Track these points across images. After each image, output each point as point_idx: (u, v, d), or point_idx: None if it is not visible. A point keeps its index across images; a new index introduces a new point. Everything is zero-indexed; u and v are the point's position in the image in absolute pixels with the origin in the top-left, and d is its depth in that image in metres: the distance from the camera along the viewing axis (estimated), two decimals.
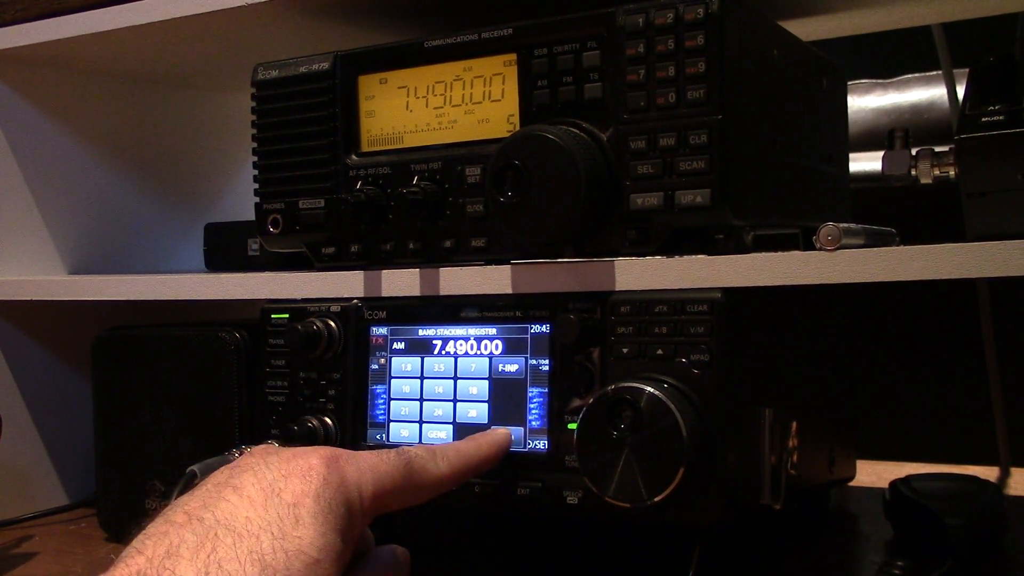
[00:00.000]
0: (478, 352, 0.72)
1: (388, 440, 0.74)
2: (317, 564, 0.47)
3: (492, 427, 0.70)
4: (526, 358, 0.70)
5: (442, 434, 0.72)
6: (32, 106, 1.04)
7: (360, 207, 0.75)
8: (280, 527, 0.47)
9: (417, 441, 0.73)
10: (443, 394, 0.72)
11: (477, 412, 0.71)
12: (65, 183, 1.07)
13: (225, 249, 1.03)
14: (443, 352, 0.73)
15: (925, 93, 1.56)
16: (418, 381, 0.74)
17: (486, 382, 0.71)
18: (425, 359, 0.74)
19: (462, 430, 0.71)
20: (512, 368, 0.70)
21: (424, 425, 0.73)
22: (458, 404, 0.72)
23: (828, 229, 0.62)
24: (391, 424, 0.74)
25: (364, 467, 0.53)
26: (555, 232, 0.67)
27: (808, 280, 0.62)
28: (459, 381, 0.72)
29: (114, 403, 0.92)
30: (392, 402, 0.74)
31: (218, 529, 0.46)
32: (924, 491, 0.79)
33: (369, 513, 0.53)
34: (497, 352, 0.71)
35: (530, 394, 0.69)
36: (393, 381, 0.75)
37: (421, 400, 0.73)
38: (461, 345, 0.72)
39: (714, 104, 0.64)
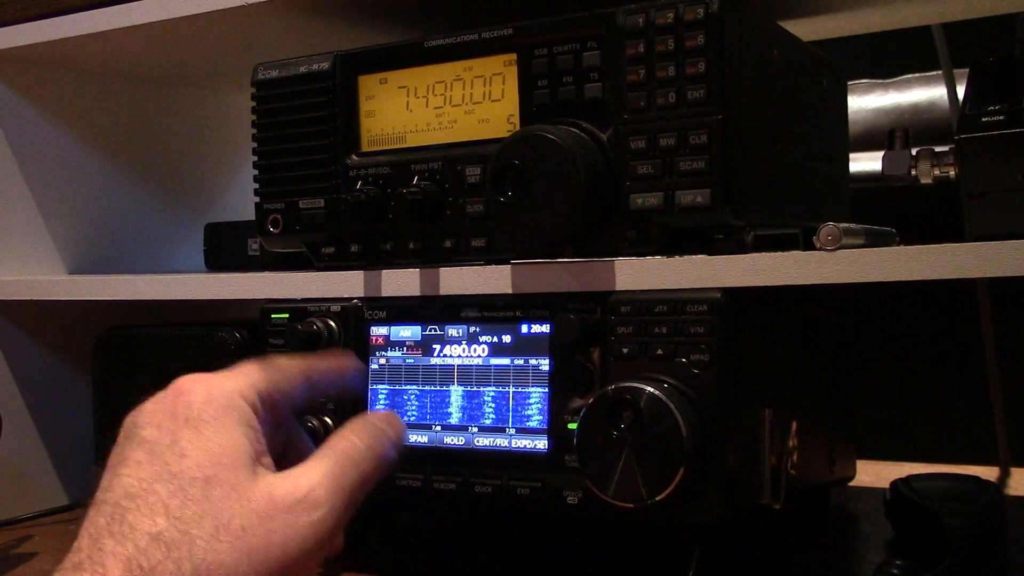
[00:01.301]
0: (478, 352, 0.72)
1: None
2: (214, 480, 0.48)
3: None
4: (526, 358, 0.70)
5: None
6: (32, 106, 1.04)
7: (360, 207, 0.75)
8: (168, 470, 0.48)
9: (416, 441, 0.73)
10: (443, 394, 0.72)
11: (477, 412, 0.71)
12: (65, 183, 1.07)
13: (225, 249, 1.03)
14: (443, 352, 0.73)
15: (925, 93, 1.56)
16: (418, 381, 0.74)
17: (486, 382, 0.71)
18: (425, 359, 0.74)
19: (461, 430, 0.71)
20: (512, 368, 0.70)
21: (424, 425, 0.73)
22: (458, 404, 0.72)
23: (828, 229, 0.62)
24: None
25: (227, 374, 0.53)
26: (555, 232, 0.67)
27: (808, 280, 0.62)
28: (459, 381, 0.72)
29: (114, 403, 0.92)
30: (392, 402, 0.74)
31: (120, 501, 0.48)
32: (924, 491, 0.79)
33: (253, 399, 0.52)
34: (497, 352, 0.71)
35: (530, 394, 0.69)
36: (393, 381, 0.75)
37: (421, 400, 0.73)
38: (461, 345, 0.72)
39: (714, 104, 0.64)
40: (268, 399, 0.53)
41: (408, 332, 0.75)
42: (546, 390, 0.69)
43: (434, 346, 0.73)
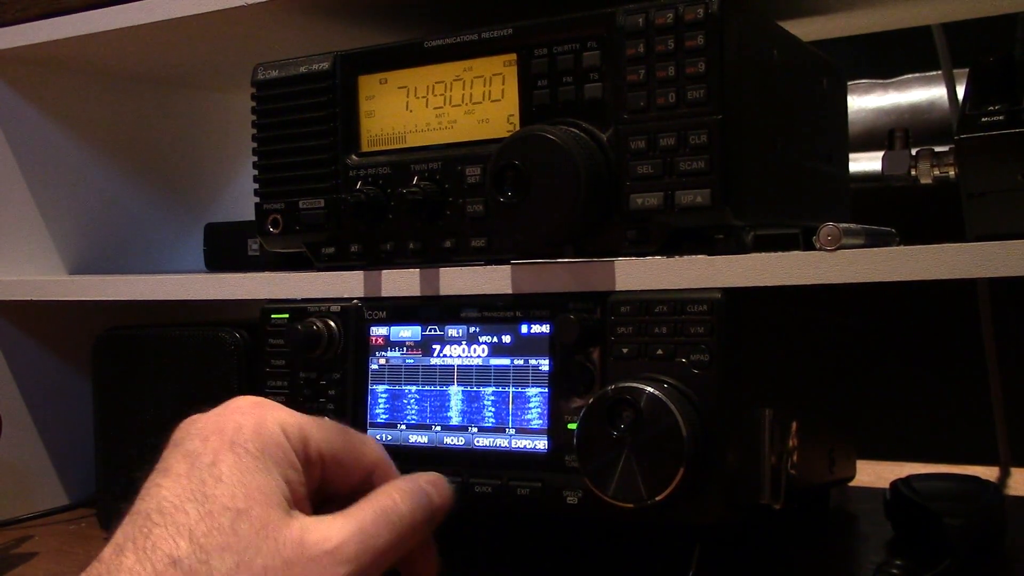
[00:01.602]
0: (478, 352, 0.72)
1: (389, 440, 0.74)
2: (245, 514, 0.47)
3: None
4: (526, 358, 0.70)
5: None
6: (32, 106, 1.04)
7: (360, 207, 0.75)
8: (202, 491, 0.47)
9: (416, 441, 0.73)
10: (443, 394, 0.73)
11: (477, 412, 0.71)
12: (65, 183, 1.07)
13: (225, 249, 1.03)
14: (443, 352, 0.73)
15: (925, 93, 1.56)
16: (418, 381, 0.74)
17: (486, 382, 0.71)
18: (425, 359, 0.74)
19: (461, 430, 0.71)
20: (512, 368, 0.70)
21: (424, 425, 0.73)
22: (458, 404, 0.72)
23: (828, 229, 0.62)
24: (391, 424, 0.74)
25: (288, 411, 0.52)
26: (555, 232, 0.67)
27: (808, 280, 0.62)
28: (459, 381, 0.72)
29: (114, 403, 0.92)
30: (392, 402, 0.74)
31: (152, 515, 0.47)
32: (924, 491, 0.79)
33: (301, 446, 0.51)
34: (497, 352, 0.71)
35: (530, 394, 0.69)
36: (393, 381, 0.75)
37: (421, 400, 0.73)
38: (461, 345, 0.72)
39: (714, 104, 0.64)
40: (320, 460, 0.52)
41: (408, 332, 0.75)
42: (546, 390, 0.69)
43: (434, 346, 0.73)
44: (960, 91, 1.05)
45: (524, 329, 0.70)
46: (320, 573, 0.47)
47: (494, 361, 0.71)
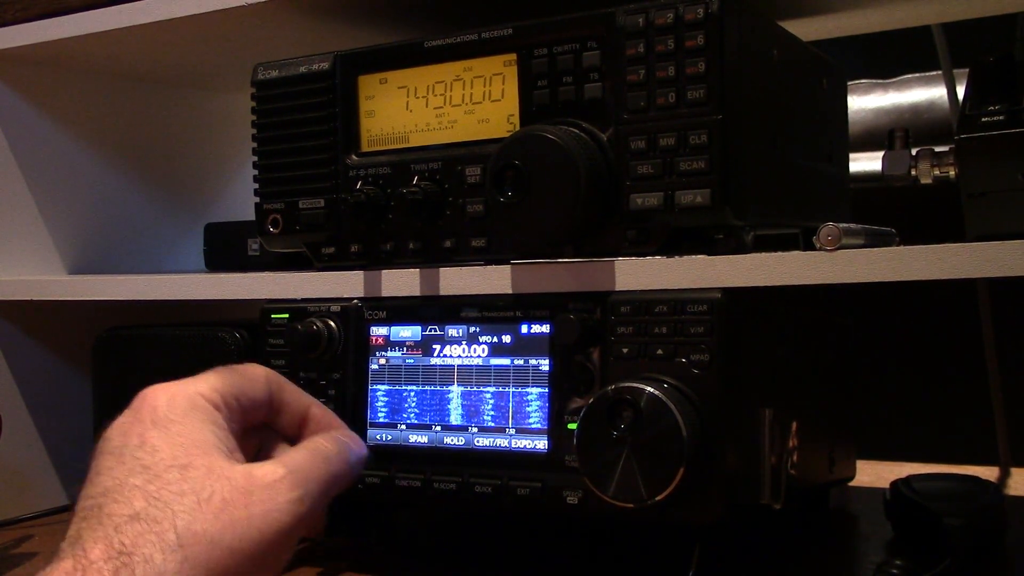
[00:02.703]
0: (478, 352, 0.72)
1: (389, 440, 0.74)
2: (190, 466, 0.49)
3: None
4: (526, 358, 0.70)
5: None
6: (32, 106, 1.04)
7: (360, 207, 0.75)
8: (142, 464, 0.49)
9: (416, 441, 0.73)
10: (443, 394, 0.73)
11: (477, 412, 0.71)
12: (65, 183, 1.07)
13: (225, 249, 1.03)
14: (443, 352, 0.73)
15: (925, 93, 1.56)
16: (418, 381, 0.74)
17: (486, 382, 0.71)
18: (425, 359, 0.74)
19: (461, 430, 0.71)
20: (512, 368, 0.70)
21: (424, 425, 0.73)
22: (458, 404, 0.72)
23: (828, 229, 0.62)
24: (392, 424, 0.74)
25: (194, 380, 0.55)
26: (555, 232, 0.67)
27: (808, 280, 0.62)
28: (459, 381, 0.72)
29: (114, 403, 0.91)
30: (392, 402, 0.74)
31: (98, 499, 0.49)
32: (924, 491, 0.79)
33: (219, 400, 0.54)
34: (497, 352, 0.71)
35: (530, 394, 0.69)
36: (393, 381, 0.75)
37: (421, 400, 0.73)
38: (461, 345, 0.72)
39: (714, 104, 0.64)
40: (233, 402, 0.55)
41: (408, 332, 0.75)
42: (546, 390, 0.69)
43: (434, 346, 0.73)
44: (960, 91, 1.06)
45: (524, 329, 0.70)
46: (276, 496, 0.50)
47: (494, 361, 0.71)
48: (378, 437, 0.74)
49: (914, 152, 0.75)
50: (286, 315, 0.79)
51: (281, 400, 0.58)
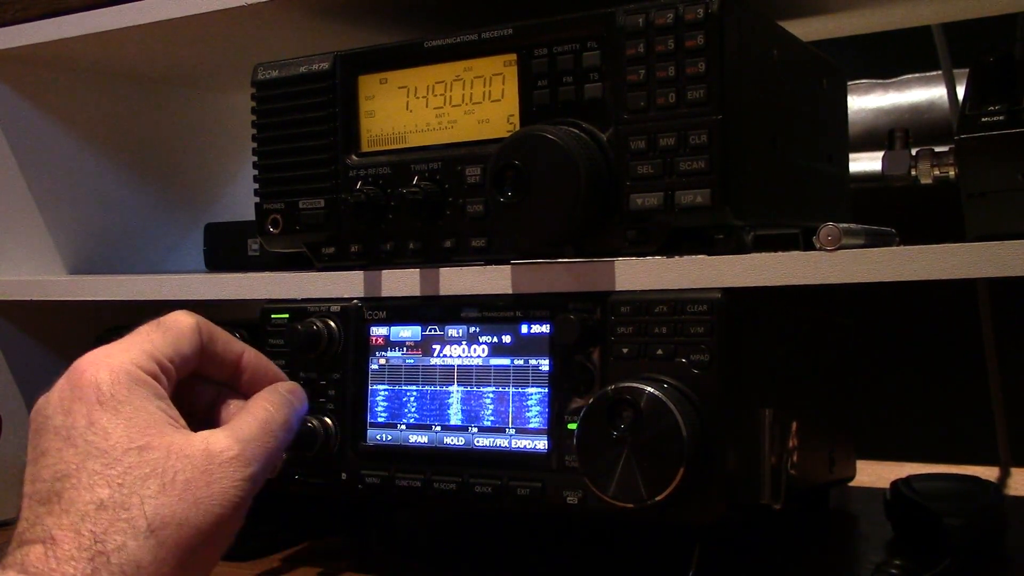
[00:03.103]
0: (478, 352, 0.72)
1: (389, 441, 0.74)
2: (148, 448, 0.50)
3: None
4: (526, 358, 0.70)
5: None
6: (32, 106, 1.04)
7: (360, 207, 0.75)
8: (97, 447, 0.50)
9: (416, 441, 0.73)
10: (443, 394, 0.73)
11: (477, 412, 0.71)
12: (65, 183, 1.07)
13: (225, 249, 1.03)
14: (443, 352, 0.73)
15: (925, 93, 1.56)
16: (418, 381, 0.74)
17: (486, 382, 0.71)
18: (425, 359, 0.74)
19: (461, 430, 0.71)
20: (512, 368, 0.70)
21: (424, 425, 0.73)
22: (458, 404, 0.72)
23: (828, 229, 0.62)
24: (391, 424, 0.74)
25: (127, 347, 0.56)
26: (555, 232, 0.67)
27: (808, 280, 0.62)
28: (459, 381, 0.72)
29: None
30: (392, 402, 0.74)
31: (54, 484, 0.50)
32: (924, 491, 0.79)
33: (157, 369, 0.55)
34: (497, 352, 0.71)
35: (530, 394, 0.69)
36: (393, 381, 0.75)
37: (421, 400, 0.73)
38: (461, 345, 0.72)
39: (714, 104, 0.64)
40: (168, 365, 0.56)
41: (408, 332, 0.75)
42: (546, 390, 0.69)
43: (434, 346, 0.73)
44: (960, 91, 1.06)
45: (524, 329, 0.70)
46: (234, 474, 0.52)
47: (494, 361, 0.71)
48: (378, 437, 0.75)
49: (914, 152, 0.75)
50: (286, 315, 0.79)
51: (213, 350, 0.60)
